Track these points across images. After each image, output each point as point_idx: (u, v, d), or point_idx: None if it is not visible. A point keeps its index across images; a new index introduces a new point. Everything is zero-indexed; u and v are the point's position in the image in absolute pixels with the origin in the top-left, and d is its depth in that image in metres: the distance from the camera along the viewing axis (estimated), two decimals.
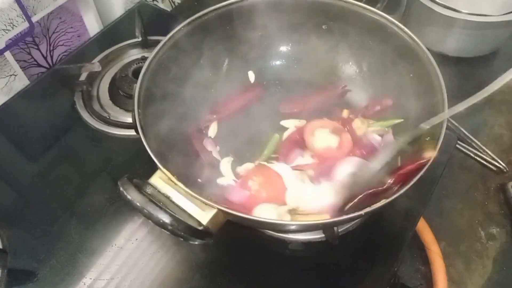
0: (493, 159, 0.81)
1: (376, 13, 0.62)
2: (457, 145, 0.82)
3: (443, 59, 0.95)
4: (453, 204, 0.78)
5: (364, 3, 0.96)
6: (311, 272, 0.60)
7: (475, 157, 0.82)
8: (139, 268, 0.60)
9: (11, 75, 0.83)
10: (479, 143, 0.83)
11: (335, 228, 0.52)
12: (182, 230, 0.41)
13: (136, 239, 0.63)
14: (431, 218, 0.73)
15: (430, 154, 0.50)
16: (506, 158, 0.81)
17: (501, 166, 0.80)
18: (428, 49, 0.94)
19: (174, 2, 1.14)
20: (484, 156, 0.82)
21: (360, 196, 0.50)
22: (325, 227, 0.50)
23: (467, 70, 0.95)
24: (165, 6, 1.12)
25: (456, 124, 0.85)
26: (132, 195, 0.41)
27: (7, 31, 0.77)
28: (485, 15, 0.85)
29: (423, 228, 0.72)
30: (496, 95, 0.92)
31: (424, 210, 0.65)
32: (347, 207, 0.50)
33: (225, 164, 0.64)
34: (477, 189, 0.79)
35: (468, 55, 0.95)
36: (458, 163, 0.82)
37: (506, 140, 0.85)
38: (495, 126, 0.87)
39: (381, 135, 0.65)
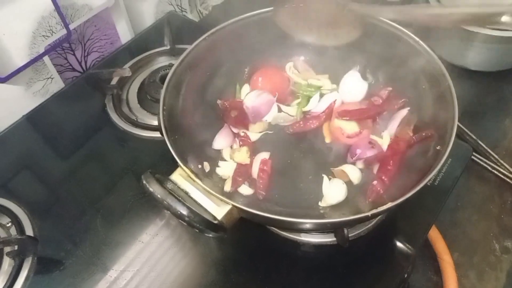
0: (510, 173, 0.81)
1: (392, 25, 0.64)
2: (474, 158, 0.83)
3: (464, 73, 0.97)
4: (468, 215, 0.78)
5: None
6: (321, 274, 0.62)
7: (493, 170, 0.82)
8: (160, 262, 0.64)
9: (48, 78, 0.88)
10: (496, 157, 0.83)
11: (345, 230, 0.54)
12: (198, 222, 0.44)
13: (157, 235, 0.66)
14: (445, 228, 0.74)
15: None
16: None
17: None
18: (449, 63, 0.96)
19: (202, 13, 1.19)
20: (502, 170, 0.82)
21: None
22: (334, 227, 0.52)
23: (489, 84, 0.96)
24: (193, 16, 1.17)
25: (474, 137, 0.85)
26: (153, 187, 0.45)
27: (46, 37, 0.83)
28: (506, 30, 0.86)
29: (436, 238, 0.72)
30: None
31: (436, 219, 0.66)
32: None
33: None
34: (493, 202, 0.79)
35: (489, 69, 0.96)
36: (475, 175, 0.82)
37: None
38: None
39: None
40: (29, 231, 0.67)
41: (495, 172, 0.82)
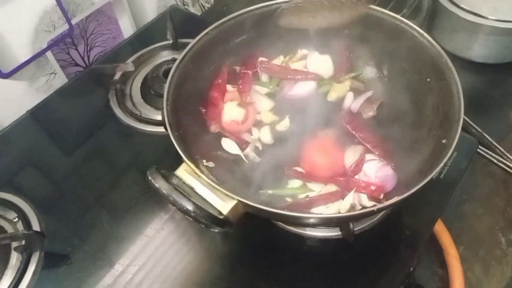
0: None
1: (397, 18, 0.63)
2: (480, 151, 0.82)
3: (468, 65, 0.96)
4: (474, 209, 0.78)
5: (391, 7, 0.98)
6: (327, 268, 0.62)
7: (498, 163, 0.82)
8: (166, 257, 0.64)
9: (51, 73, 0.88)
10: (502, 149, 0.82)
11: (351, 225, 0.54)
12: (204, 218, 0.44)
13: (162, 229, 0.67)
14: (450, 222, 0.74)
15: None
16: None
17: None
18: (454, 55, 0.95)
19: (204, 7, 1.19)
20: (507, 163, 0.81)
21: None
22: (340, 222, 0.52)
23: (493, 76, 0.95)
24: (196, 10, 1.17)
25: (480, 129, 0.84)
26: (159, 183, 0.44)
27: (49, 32, 0.83)
28: (511, 22, 0.85)
29: (442, 231, 0.72)
30: None
31: (442, 213, 0.66)
32: None
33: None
34: (499, 195, 0.79)
35: (494, 61, 0.95)
36: (480, 168, 0.82)
37: None
38: None
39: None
40: (35, 226, 0.67)
41: (501, 165, 0.81)
